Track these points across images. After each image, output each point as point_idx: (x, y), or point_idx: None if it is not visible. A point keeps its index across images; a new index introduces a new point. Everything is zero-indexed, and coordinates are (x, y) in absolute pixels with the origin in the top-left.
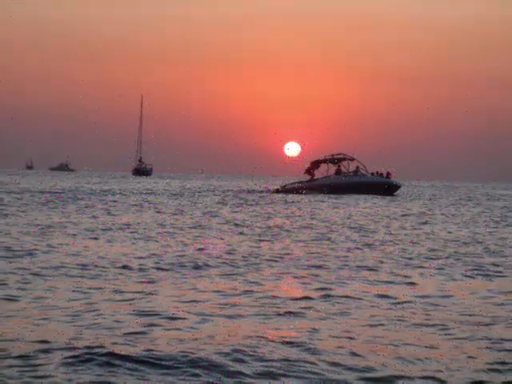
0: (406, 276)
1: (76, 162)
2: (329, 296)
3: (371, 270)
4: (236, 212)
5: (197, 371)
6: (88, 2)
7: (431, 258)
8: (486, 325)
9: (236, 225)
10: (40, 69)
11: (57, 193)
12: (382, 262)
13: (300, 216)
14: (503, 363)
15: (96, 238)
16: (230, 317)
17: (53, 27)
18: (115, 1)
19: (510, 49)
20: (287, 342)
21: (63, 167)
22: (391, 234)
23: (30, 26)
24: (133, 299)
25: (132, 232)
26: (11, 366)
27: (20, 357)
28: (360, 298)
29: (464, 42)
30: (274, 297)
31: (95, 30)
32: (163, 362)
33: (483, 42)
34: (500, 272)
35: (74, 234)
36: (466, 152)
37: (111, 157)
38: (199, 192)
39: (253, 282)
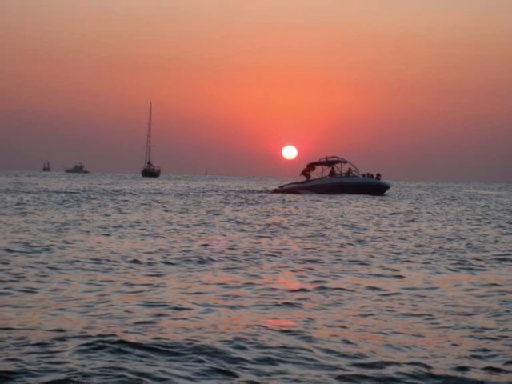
0: (394, 270)
1: (90, 164)
2: (323, 288)
3: (362, 264)
4: (237, 210)
5: (201, 357)
6: (98, 19)
7: (418, 253)
8: (469, 315)
9: (237, 222)
10: (57, 79)
11: (72, 193)
12: (372, 257)
13: (297, 214)
14: (484, 350)
15: (108, 235)
16: (232, 307)
17: (69, 42)
18: (123, 18)
19: (483, 60)
20: (285, 331)
21: (78, 169)
22: (381, 230)
23: (48, 39)
24: (142, 291)
25: (141, 229)
26: (30, 353)
27: (38, 344)
28: (352, 290)
29: (448, 52)
30: (273, 289)
31: (107, 43)
32: (170, 349)
33: (463, 54)
34: (481, 266)
35: (88, 231)
36: (452, 155)
37: (122, 159)
38: (203, 192)
39: (253, 275)
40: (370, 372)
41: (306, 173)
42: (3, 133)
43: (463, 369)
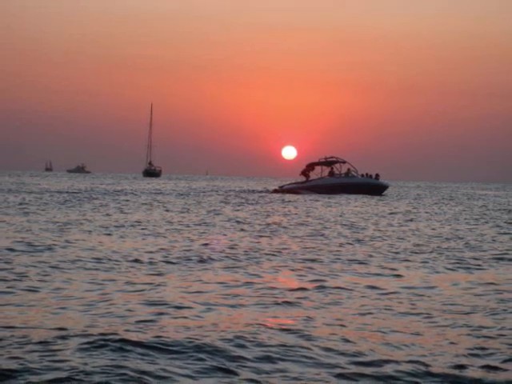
0: (393, 269)
1: (91, 164)
2: (323, 287)
3: (361, 263)
4: (238, 210)
5: (202, 356)
6: (98, 19)
7: (416, 253)
8: (466, 313)
9: (238, 222)
10: (58, 79)
11: (74, 193)
12: (371, 256)
13: (296, 214)
14: (482, 348)
15: (109, 234)
16: (232, 306)
17: (69, 43)
18: (123, 19)
19: (482, 61)
20: (284, 329)
21: (80, 169)
22: (380, 230)
23: (48, 39)
24: (143, 290)
25: (142, 229)
26: (32, 351)
27: (40, 343)
28: (351, 289)
29: (448, 53)
30: (273, 288)
31: (108, 44)
32: (171, 348)
33: (462, 55)
34: (479, 265)
35: (90, 231)
36: (450, 156)
37: (123, 160)
38: (204, 192)
39: (253, 275)
40: (368, 370)
41: (305, 173)
42: (5, 133)
43: (461, 367)
